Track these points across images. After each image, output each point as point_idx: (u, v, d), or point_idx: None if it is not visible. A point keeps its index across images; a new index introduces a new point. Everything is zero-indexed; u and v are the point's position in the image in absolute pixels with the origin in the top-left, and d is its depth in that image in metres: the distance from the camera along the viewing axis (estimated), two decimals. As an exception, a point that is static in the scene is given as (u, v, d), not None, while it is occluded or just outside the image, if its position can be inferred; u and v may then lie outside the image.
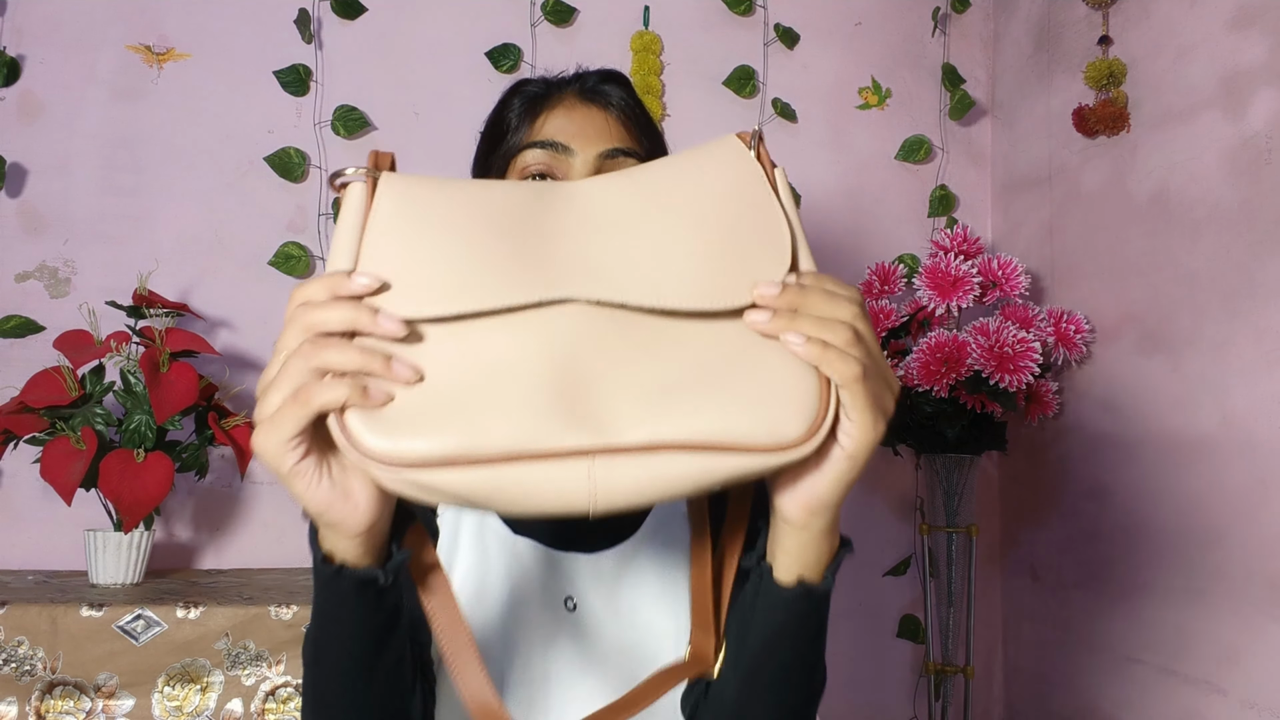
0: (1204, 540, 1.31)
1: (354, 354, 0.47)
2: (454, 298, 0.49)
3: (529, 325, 0.49)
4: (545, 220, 0.53)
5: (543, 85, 0.81)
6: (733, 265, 0.51)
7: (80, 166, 1.55)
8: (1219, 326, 1.30)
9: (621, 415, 0.47)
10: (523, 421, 0.46)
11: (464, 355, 0.48)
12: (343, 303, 0.48)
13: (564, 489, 0.46)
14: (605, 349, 0.49)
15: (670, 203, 0.54)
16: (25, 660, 1.17)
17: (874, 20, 1.82)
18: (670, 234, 0.53)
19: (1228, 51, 1.30)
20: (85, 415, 1.33)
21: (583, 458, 0.46)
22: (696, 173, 0.56)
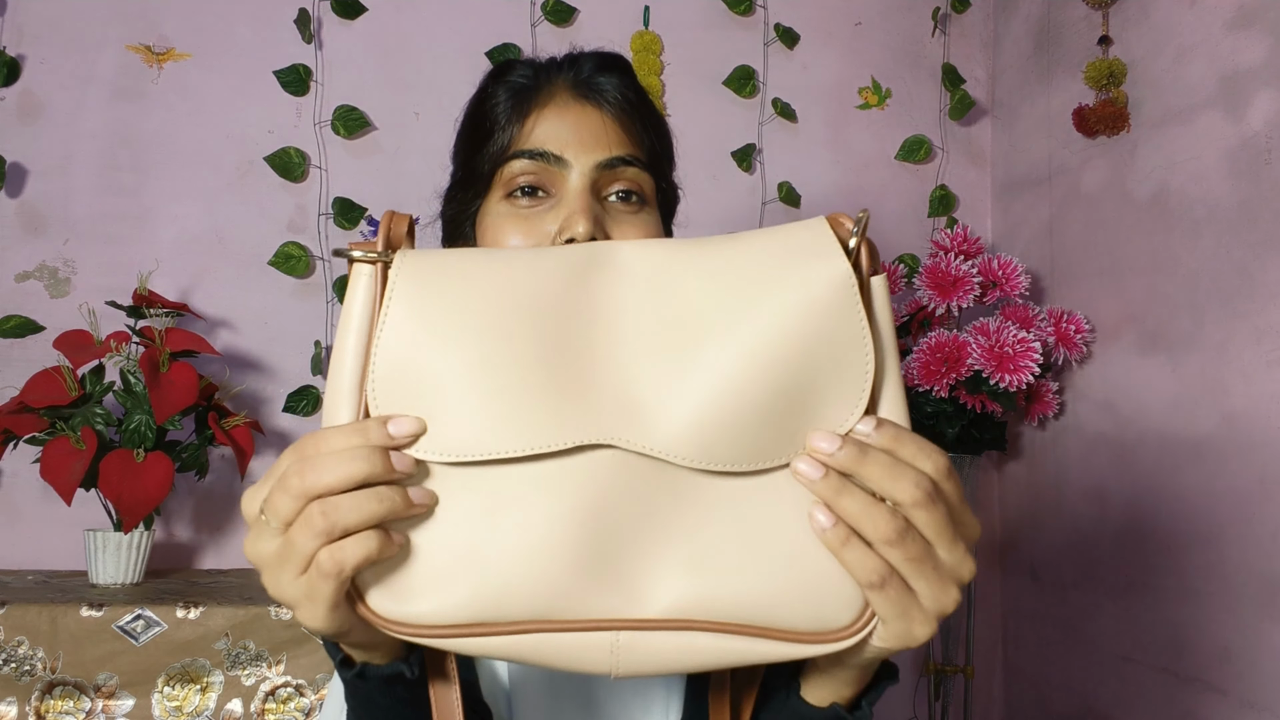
0: (1204, 540, 1.31)
1: (373, 506, 0.42)
2: (478, 440, 0.43)
3: (558, 473, 0.43)
4: (587, 326, 0.45)
5: (530, 74, 0.72)
6: (795, 410, 0.43)
7: (80, 166, 1.55)
8: (1219, 326, 1.30)
9: (651, 583, 0.43)
10: (546, 588, 0.42)
11: (483, 505, 0.43)
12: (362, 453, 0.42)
13: (585, 657, 0.43)
14: (641, 504, 0.43)
15: (735, 320, 0.44)
16: (25, 660, 1.17)
17: (874, 20, 1.82)
18: (730, 369, 0.43)
19: (1228, 51, 1.30)
20: (85, 415, 1.33)
21: (607, 630, 0.43)
22: (773, 278, 0.44)
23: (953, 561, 0.43)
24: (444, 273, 0.46)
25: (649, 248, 0.47)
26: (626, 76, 0.72)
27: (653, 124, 0.73)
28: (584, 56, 0.73)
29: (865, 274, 0.46)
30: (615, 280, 0.46)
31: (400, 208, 1.65)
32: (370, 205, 1.63)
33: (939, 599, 0.43)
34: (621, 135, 0.69)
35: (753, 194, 1.76)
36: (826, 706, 0.52)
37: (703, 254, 0.46)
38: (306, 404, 1.58)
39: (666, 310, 0.45)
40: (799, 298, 0.44)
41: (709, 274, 0.45)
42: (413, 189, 1.64)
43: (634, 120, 0.71)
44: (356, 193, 1.62)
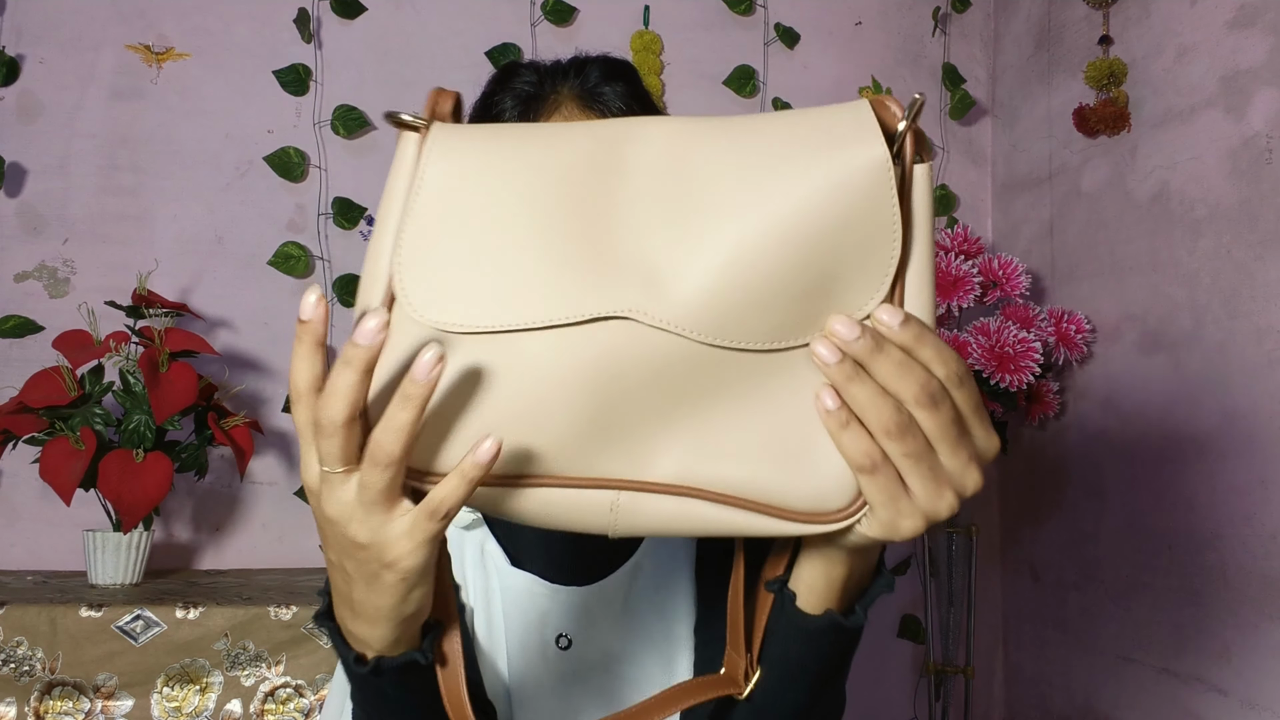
0: (1204, 540, 1.31)
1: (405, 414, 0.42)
2: (501, 308, 0.43)
3: (574, 342, 0.43)
4: (609, 199, 0.45)
5: (535, 80, 0.72)
6: (815, 292, 0.43)
7: (79, 166, 1.55)
8: (1219, 326, 1.30)
9: (656, 449, 0.44)
10: (553, 444, 0.44)
11: (501, 369, 0.44)
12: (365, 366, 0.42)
13: (585, 513, 0.45)
14: (653, 375, 0.44)
15: (760, 197, 0.44)
16: (24, 660, 1.16)
17: (874, 20, 1.82)
18: (750, 245, 0.43)
19: (1228, 51, 1.30)
20: (84, 415, 1.33)
21: (609, 489, 0.44)
22: (805, 158, 0.44)
23: (953, 468, 0.44)
24: (475, 146, 0.46)
25: (678, 124, 0.46)
26: (632, 85, 0.72)
27: None
28: (590, 63, 0.72)
29: (908, 163, 0.45)
30: (640, 152, 0.46)
31: (400, 207, 1.65)
32: (370, 205, 1.63)
33: (932, 500, 0.44)
34: None
35: (753, 194, 1.75)
36: (821, 614, 0.53)
37: (734, 130, 0.46)
38: (306, 404, 1.58)
39: (690, 183, 0.45)
40: (829, 178, 0.43)
41: (738, 149, 0.45)
42: (412, 189, 1.64)
43: None
44: (356, 192, 1.62)
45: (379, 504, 0.43)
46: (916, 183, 0.45)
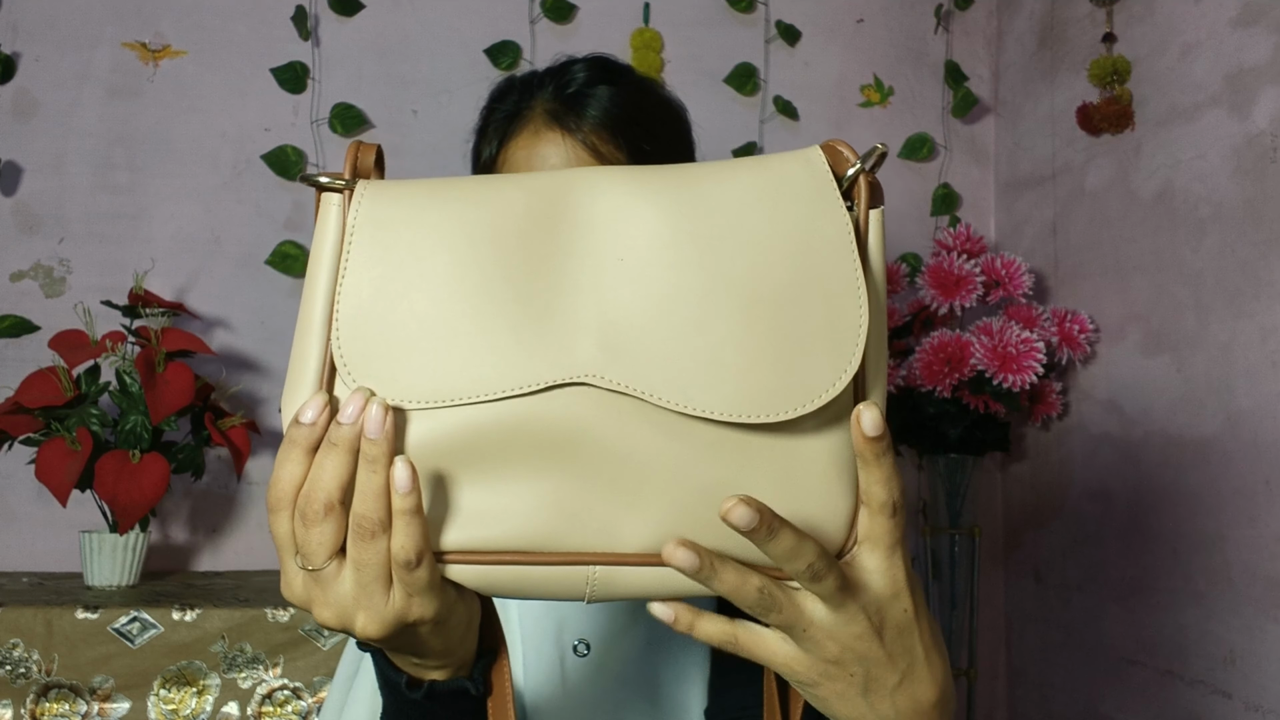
0: (1209, 542, 1.30)
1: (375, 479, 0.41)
2: (449, 381, 0.41)
3: (532, 411, 0.42)
4: (557, 252, 0.43)
5: (517, 96, 0.70)
6: (784, 363, 0.41)
7: (75, 165, 1.54)
8: (1224, 326, 1.29)
9: (628, 520, 0.42)
10: (522, 524, 0.42)
11: (460, 441, 0.42)
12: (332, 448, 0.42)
13: (561, 587, 0.44)
14: (619, 441, 0.42)
15: (718, 258, 0.42)
16: (20, 663, 1.16)
17: (876, 17, 1.81)
18: (710, 300, 0.42)
19: (1233, 49, 1.29)
20: (80, 416, 1.32)
21: (583, 564, 0.43)
22: (762, 217, 0.43)
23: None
24: (407, 205, 0.44)
25: (625, 176, 0.45)
26: (618, 87, 0.69)
27: (646, 136, 0.69)
28: (574, 66, 0.70)
29: (863, 210, 0.44)
30: (589, 208, 0.44)
31: (398, 206, 1.64)
32: (368, 204, 1.62)
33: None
34: (592, 160, 0.67)
35: (754, 192, 1.74)
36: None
37: (684, 184, 0.44)
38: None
39: (643, 242, 0.43)
40: (788, 239, 0.42)
41: (691, 206, 0.43)
42: (411, 187, 1.63)
43: (617, 138, 0.68)
44: (354, 191, 1.61)
45: (378, 581, 0.42)
46: (871, 232, 0.44)
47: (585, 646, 0.71)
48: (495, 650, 0.52)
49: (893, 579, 0.44)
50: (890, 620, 0.45)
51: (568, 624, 0.71)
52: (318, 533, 0.42)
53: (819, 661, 0.44)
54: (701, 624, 0.45)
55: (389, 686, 0.51)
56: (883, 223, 0.44)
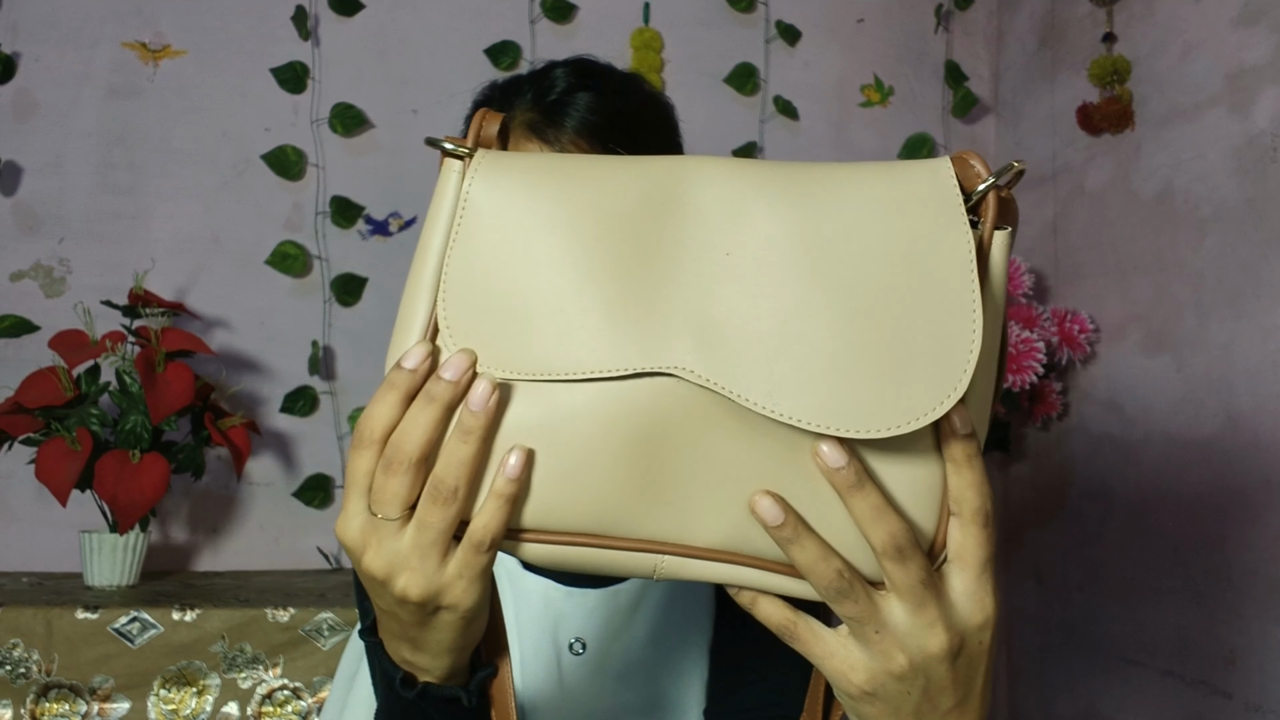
0: (1208, 542, 1.30)
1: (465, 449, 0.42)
2: (545, 355, 0.42)
3: (622, 395, 0.42)
4: (665, 241, 0.43)
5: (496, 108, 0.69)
6: (885, 379, 0.40)
7: (75, 165, 1.54)
8: (1224, 326, 1.29)
9: (702, 514, 0.42)
10: (597, 506, 0.42)
11: (546, 420, 0.42)
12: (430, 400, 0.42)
13: (628, 567, 0.44)
14: (701, 435, 0.42)
15: (831, 259, 0.41)
16: (20, 663, 1.16)
17: (876, 17, 1.81)
18: (816, 309, 0.41)
19: (1233, 48, 1.29)
20: (80, 416, 1.32)
21: (654, 552, 0.43)
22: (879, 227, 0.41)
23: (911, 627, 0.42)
24: (524, 177, 0.45)
25: (745, 168, 0.44)
26: (600, 94, 0.67)
27: (629, 137, 0.68)
28: (555, 71, 0.69)
29: (987, 231, 0.42)
30: (703, 200, 0.43)
31: (398, 206, 1.64)
32: (368, 204, 1.62)
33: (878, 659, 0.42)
34: None
35: (754, 192, 1.75)
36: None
37: (803, 184, 0.43)
38: (304, 404, 1.57)
39: (750, 237, 0.42)
40: (905, 253, 0.41)
41: (807, 208, 0.42)
42: (411, 187, 1.63)
43: (599, 146, 0.67)
44: (354, 191, 1.61)
45: (436, 546, 0.42)
46: (994, 253, 0.42)
47: (581, 645, 0.71)
48: (496, 665, 0.52)
49: (981, 606, 0.43)
50: (968, 648, 0.43)
51: (565, 622, 0.71)
52: (397, 483, 0.42)
53: (880, 673, 0.42)
54: (763, 603, 0.44)
55: (385, 680, 0.51)
56: (1009, 244, 0.42)
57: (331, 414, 1.59)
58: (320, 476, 1.57)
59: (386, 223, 1.63)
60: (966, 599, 0.43)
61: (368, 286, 1.61)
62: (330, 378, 1.60)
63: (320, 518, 1.56)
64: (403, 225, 1.63)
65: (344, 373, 1.61)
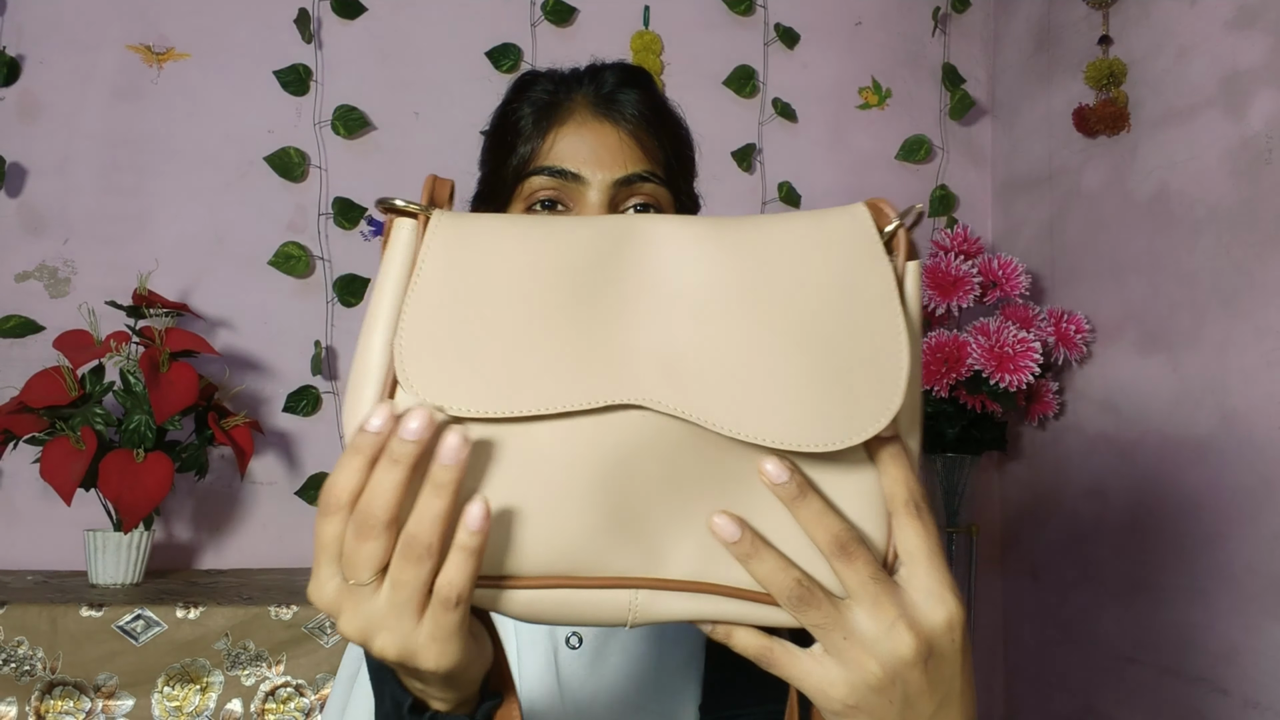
0: (1204, 540, 1.31)
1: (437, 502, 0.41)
2: (510, 392, 0.42)
3: (588, 430, 0.43)
4: (620, 286, 0.45)
5: (551, 89, 0.74)
6: (835, 399, 0.43)
7: (80, 166, 1.55)
8: (1219, 326, 1.30)
9: (673, 545, 0.44)
10: (568, 545, 0.43)
11: (510, 459, 0.43)
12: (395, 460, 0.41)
13: (602, 611, 0.44)
14: (670, 465, 0.43)
15: (774, 300, 0.45)
16: (25, 660, 1.16)
17: (874, 20, 1.82)
18: (765, 338, 0.44)
19: (1228, 51, 1.30)
20: (85, 415, 1.33)
21: (626, 588, 0.44)
22: (813, 265, 0.45)
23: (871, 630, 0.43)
24: (480, 233, 0.46)
25: (685, 223, 0.47)
26: (646, 91, 0.73)
27: (671, 137, 0.74)
28: (605, 70, 0.74)
29: (900, 264, 0.46)
30: (652, 249, 0.46)
31: (400, 208, 1.65)
32: (370, 204, 1.63)
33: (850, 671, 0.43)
34: (639, 152, 0.71)
35: (753, 194, 1.75)
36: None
37: (741, 231, 0.47)
38: (306, 404, 1.58)
39: (703, 283, 0.45)
40: (838, 287, 0.45)
41: (747, 252, 0.46)
42: (413, 188, 1.63)
43: (652, 136, 0.72)
44: (356, 192, 1.62)
45: (411, 603, 0.42)
46: (909, 282, 0.47)
47: (578, 639, 0.71)
48: (501, 694, 0.52)
49: (941, 601, 0.43)
50: (938, 649, 0.43)
51: None
52: (370, 547, 0.41)
53: (859, 685, 0.43)
54: (738, 634, 0.45)
55: (394, 704, 0.51)
56: (919, 275, 0.47)
57: (334, 414, 1.60)
58: (323, 475, 1.58)
59: (388, 224, 1.64)
60: (925, 596, 0.43)
61: (370, 287, 1.62)
62: (333, 378, 1.61)
63: (322, 517, 1.57)
64: (404, 226, 1.64)
65: (346, 373, 1.61)
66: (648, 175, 0.70)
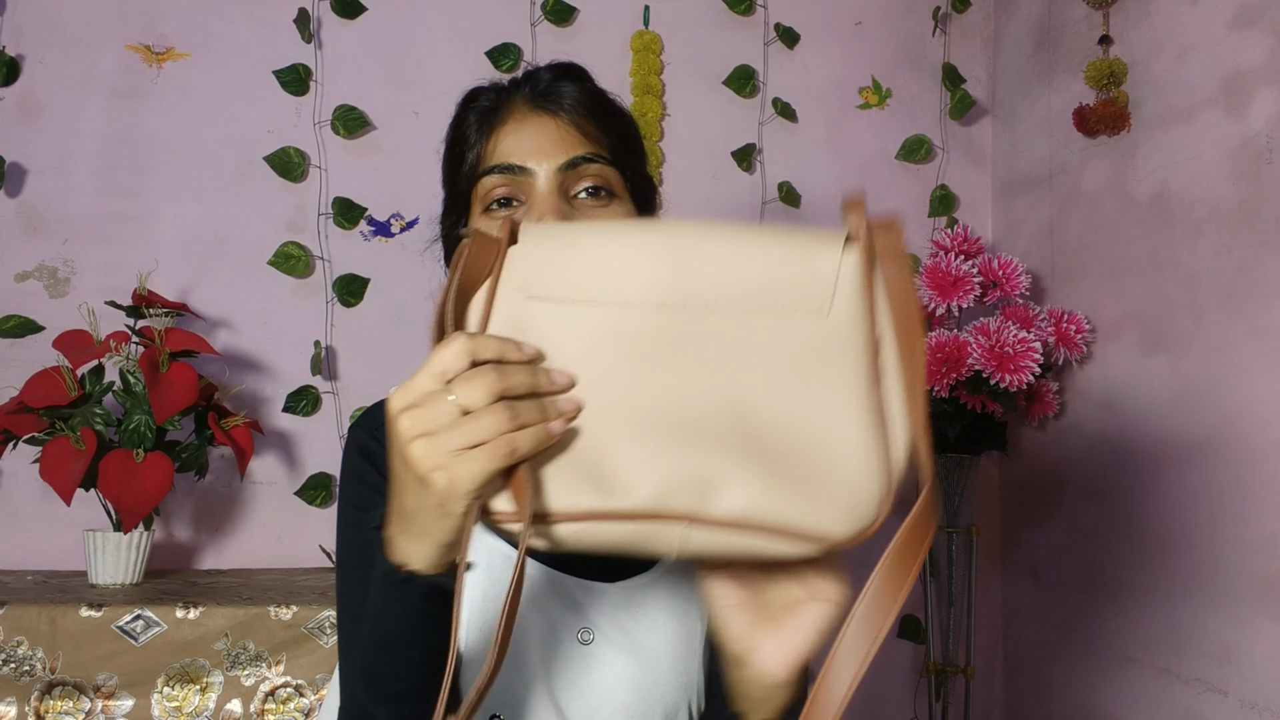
0: (1204, 540, 1.31)
1: (538, 414, 0.49)
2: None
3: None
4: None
5: (493, 96, 0.78)
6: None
7: (80, 166, 1.55)
8: (1219, 326, 1.30)
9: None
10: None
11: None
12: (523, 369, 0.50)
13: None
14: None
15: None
16: (25, 660, 1.16)
17: (874, 20, 1.82)
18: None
19: (1228, 51, 1.30)
20: (85, 415, 1.33)
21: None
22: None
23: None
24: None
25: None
26: (581, 82, 0.77)
27: (613, 122, 0.77)
28: (540, 70, 0.78)
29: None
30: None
31: (400, 207, 1.65)
32: (370, 205, 1.63)
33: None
34: (579, 137, 0.74)
35: (753, 194, 1.75)
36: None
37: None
38: (306, 404, 1.58)
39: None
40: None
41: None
42: (412, 188, 1.64)
43: (592, 121, 0.75)
44: (356, 192, 1.62)
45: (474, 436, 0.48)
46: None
47: (589, 635, 0.72)
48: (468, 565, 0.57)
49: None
50: None
51: (574, 616, 0.72)
52: (506, 379, 0.49)
53: None
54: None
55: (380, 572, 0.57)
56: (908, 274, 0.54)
57: (334, 414, 1.60)
58: (322, 475, 1.58)
59: (388, 224, 1.64)
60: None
61: (370, 287, 1.62)
62: (332, 378, 1.61)
63: (322, 516, 1.57)
64: (404, 226, 1.64)
65: (346, 373, 1.62)
66: (592, 156, 0.73)
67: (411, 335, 1.63)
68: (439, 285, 0.54)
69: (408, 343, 1.63)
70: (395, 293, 1.63)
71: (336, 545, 0.74)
